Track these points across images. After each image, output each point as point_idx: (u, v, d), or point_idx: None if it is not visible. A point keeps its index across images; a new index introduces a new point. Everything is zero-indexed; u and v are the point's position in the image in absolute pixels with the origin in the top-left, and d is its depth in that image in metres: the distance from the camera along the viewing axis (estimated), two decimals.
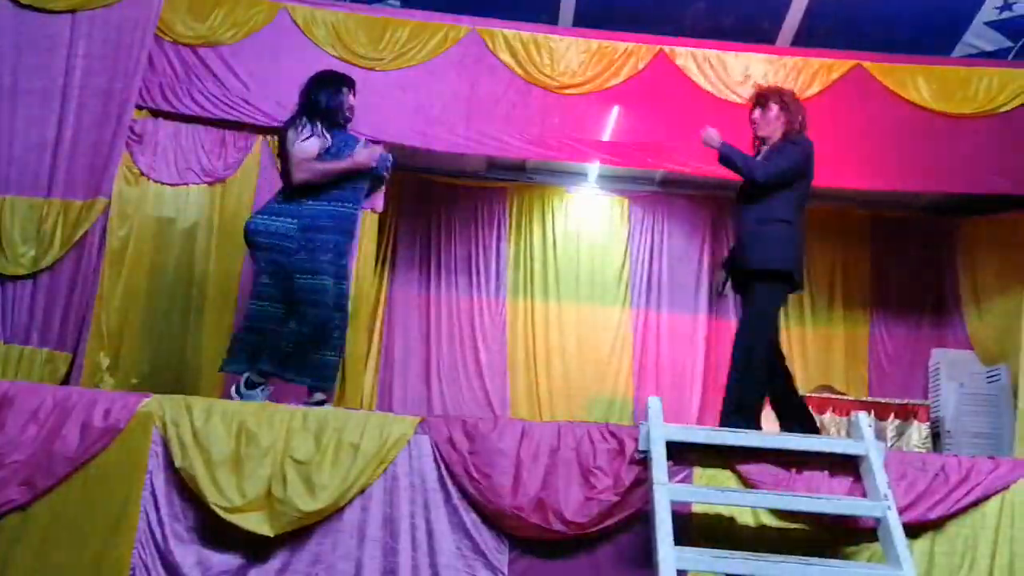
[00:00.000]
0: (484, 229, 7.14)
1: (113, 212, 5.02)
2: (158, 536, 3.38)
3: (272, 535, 3.34)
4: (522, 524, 3.38)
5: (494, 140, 5.38)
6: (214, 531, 3.39)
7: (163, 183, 5.27)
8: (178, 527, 3.41)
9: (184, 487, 3.43)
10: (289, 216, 4.05)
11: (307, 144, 4.04)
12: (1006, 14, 5.83)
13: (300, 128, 4.09)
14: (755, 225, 4.16)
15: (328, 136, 4.11)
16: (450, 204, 7.16)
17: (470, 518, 3.42)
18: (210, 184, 5.33)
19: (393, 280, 6.98)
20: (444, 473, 3.47)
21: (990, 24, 5.90)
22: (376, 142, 4.66)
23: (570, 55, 5.48)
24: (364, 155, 4.13)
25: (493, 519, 3.42)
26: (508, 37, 5.48)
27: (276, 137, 4.41)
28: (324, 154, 4.07)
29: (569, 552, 3.41)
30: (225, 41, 5.32)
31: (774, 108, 4.30)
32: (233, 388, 4.03)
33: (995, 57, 5.90)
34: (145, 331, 5.14)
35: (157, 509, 3.41)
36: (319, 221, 4.04)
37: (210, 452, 3.42)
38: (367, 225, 5.26)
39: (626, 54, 5.49)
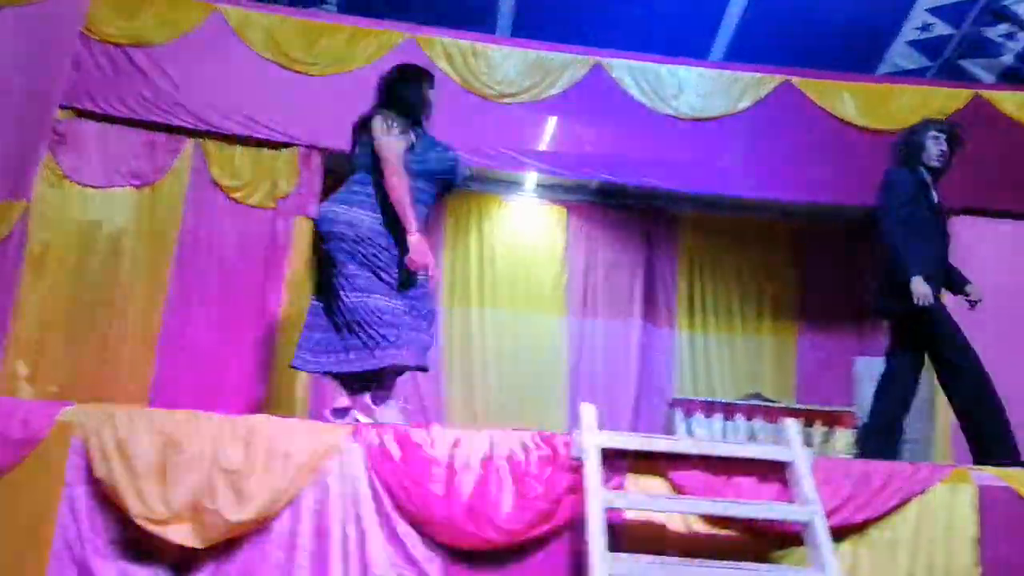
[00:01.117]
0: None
1: (33, 215, 4.87)
2: (76, 551, 3.27)
3: (200, 547, 3.26)
4: (454, 533, 3.36)
5: None
6: (137, 544, 3.29)
7: (88, 186, 5.13)
8: (98, 541, 3.30)
9: (105, 499, 3.32)
10: (370, 210, 3.81)
11: (398, 142, 3.79)
12: (926, 34, 6.05)
13: (390, 123, 3.84)
14: None
15: (413, 135, 3.89)
16: None
17: (402, 527, 3.38)
18: (138, 188, 5.20)
19: None
20: (376, 481, 3.43)
21: (911, 43, 6.12)
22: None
23: (508, 64, 5.50)
24: (415, 243, 3.73)
25: (425, 528, 3.39)
26: (446, 45, 5.48)
27: (361, 125, 4.02)
28: (408, 152, 3.83)
29: (501, 560, 3.40)
30: (155, 41, 5.21)
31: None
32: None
33: (916, 75, 6.12)
34: (67, 338, 4.99)
35: (76, 523, 3.29)
36: (398, 222, 3.77)
37: (134, 462, 3.32)
38: (303, 231, 5.19)
39: (563, 65, 5.54)
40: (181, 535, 3.25)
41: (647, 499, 3.38)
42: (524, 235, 7.22)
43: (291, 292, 5.13)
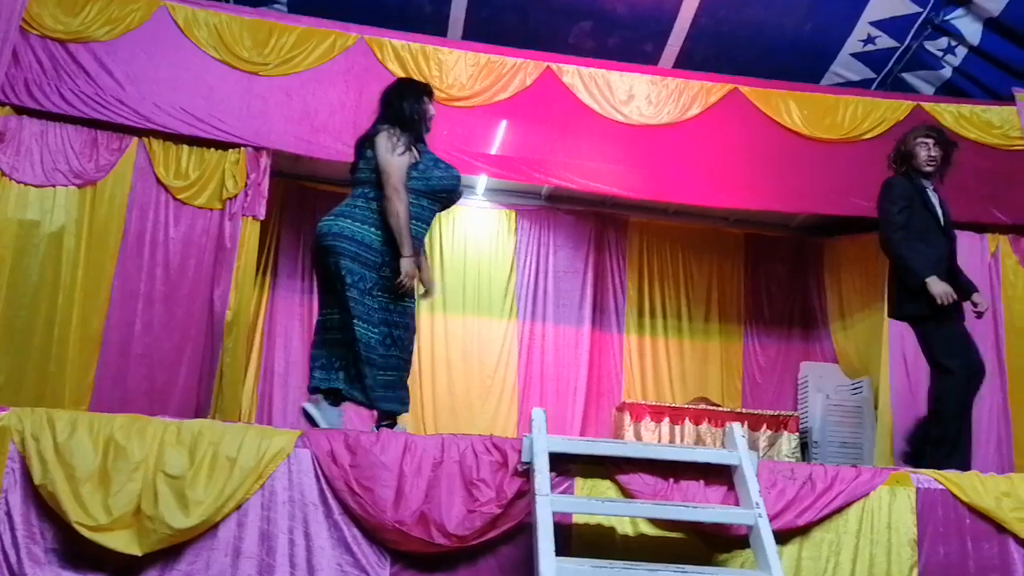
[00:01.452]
0: None
1: None
2: (12, 559, 3.18)
3: (140, 554, 3.19)
4: (404, 538, 3.34)
5: None
6: (76, 552, 3.21)
7: (27, 184, 4.99)
8: (35, 549, 3.21)
9: (44, 506, 3.23)
10: (373, 226, 3.84)
11: (402, 161, 3.84)
12: (870, 47, 6.19)
13: (395, 140, 3.88)
14: None
15: (417, 152, 3.93)
16: None
17: (351, 533, 3.36)
18: (80, 187, 5.08)
19: (275, 289, 6.81)
20: (325, 487, 3.40)
21: (856, 56, 6.25)
22: (257, 148, 4.53)
23: (459, 68, 5.50)
24: (407, 266, 3.82)
25: (374, 533, 3.37)
26: (397, 47, 5.45)
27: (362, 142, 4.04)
28: (411, 170, 3.88)
29: (451, 565, 3.39)
30: (99, 38, 5.09)
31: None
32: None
33: (860, 87, 6.25)
34: (5, 340, 4.85)
35: (12, 530, 3.20)
36: (388, 246, 3.83)
37: (74, 468, 3.24)
38: (248, 232, 5.12)
39: (514, 69, 5.55)
40: (122, 542, 3.18)
41: (595, 503, 3.40)
42: (474, 239, 7.22)
43: (238, 294, 5.06)
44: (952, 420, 4.33)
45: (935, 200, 4.49)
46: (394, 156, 3.83)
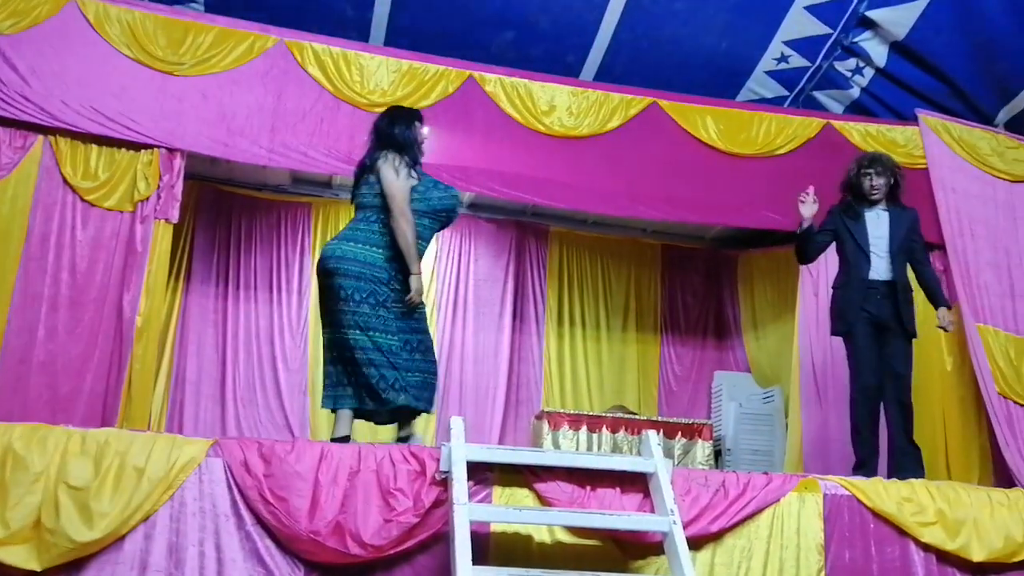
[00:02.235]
0: (287, 245, 6.95)
1: None
2: None
3: (40, 569, 3.06)
4: (319, 549, 3.29)
5: (299, 154, 5.25)
6: None
7: None
8: None
9: None
10: (376, 246, 4.07)
11: (406, 184, 4.07)
12: (783, 65, 6.38)
13: (397, 164, 4.10)
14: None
15: (416, 175, 4.15)
16: (251, 217, 6.92)
17: (263, 544, 3.29)
18: None
19: (188, 294, 6.64)
20: (237, 497, 3.32)
21: (770, 73, 6.43)
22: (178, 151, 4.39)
23: (380, 73, 5.45)
24: (415, 284, 4.07)
25: (288, 544, 3.30)
26: (317, 51, 5.38)
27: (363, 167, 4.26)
28: (412, 192, 4.10)
29: (366, 575, 3.35)
30: (2, 31, 4.88)
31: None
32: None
33: (773, 104, 6.43)
34: None
35: None
36: (402, 255, 4.04)
37: None
38: (160, 236, 4.97)
39: (436, 77, 5.53)
40: (20, 557, 3.06)
41: (513, 511, 3.41)
42: None
43: (149, 299, 4.90)
44: (854, 431, 4.69)
45: (875, 223, 4.80)
46: (399, 180, 4.06)
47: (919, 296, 4.93)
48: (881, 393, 4.68)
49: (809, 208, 4.80)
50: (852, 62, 6.31)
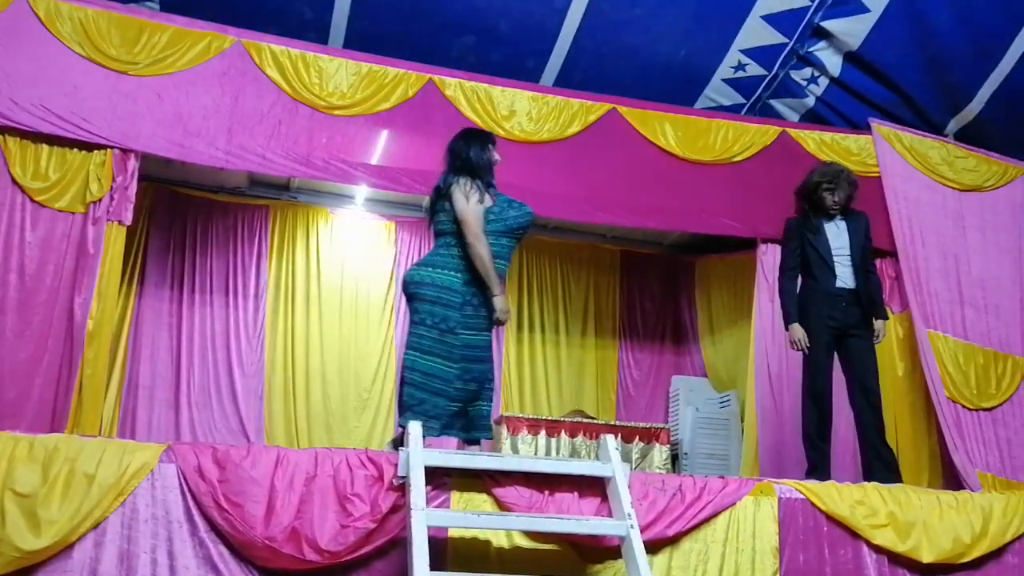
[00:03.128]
0: (244, 248, 6.87)
1: None
2: None
3: None
4: (274, 555, 3.25)
5: (257, 156, 5.20)
6: None
7: None
8: None
9: None
10: (454, 270, 4.10)
11: (478, 208, 4.11)
12: (740, 73, 6.46)
13: (469, 189, 4.14)
14: None
15: (489, 197, 4.20)
16: (208, 220, 6.83)
17: (217, 550, 3.24)
18: None
19: (141, 298, 6.53)
20: (191, 503, 3.27)
21: (727, 81, 6.51)
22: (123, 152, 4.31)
23: (340, 76, 5.42)
24: (500, 304, 4.12)
25: (243, 551, 3.26)
26: (276, 52, 5.33)
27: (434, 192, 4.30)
28: (488, 213, 4.16)
29: None
30: None
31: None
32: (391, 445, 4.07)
33: (731, 111, 6.51)
34: None
35: None
36: (480, 278, 4.08)
37: None
38: (113, 238, 4.88)
39: (396, 80, 5.51)
40: None
41: (471, 517, 3.39)
42: (352, 249, 7.12)
43: (101, 302, 4.81)
44: (804, 436, 4.82)
45: (835, 234, 4.88)
46: (470, 205, 4.10)
47: None
48: (829, 400, 4.75)
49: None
50: (807, 71, 6.41)
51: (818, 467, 4.64)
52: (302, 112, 5.31)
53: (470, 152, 4.25)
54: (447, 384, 4.04)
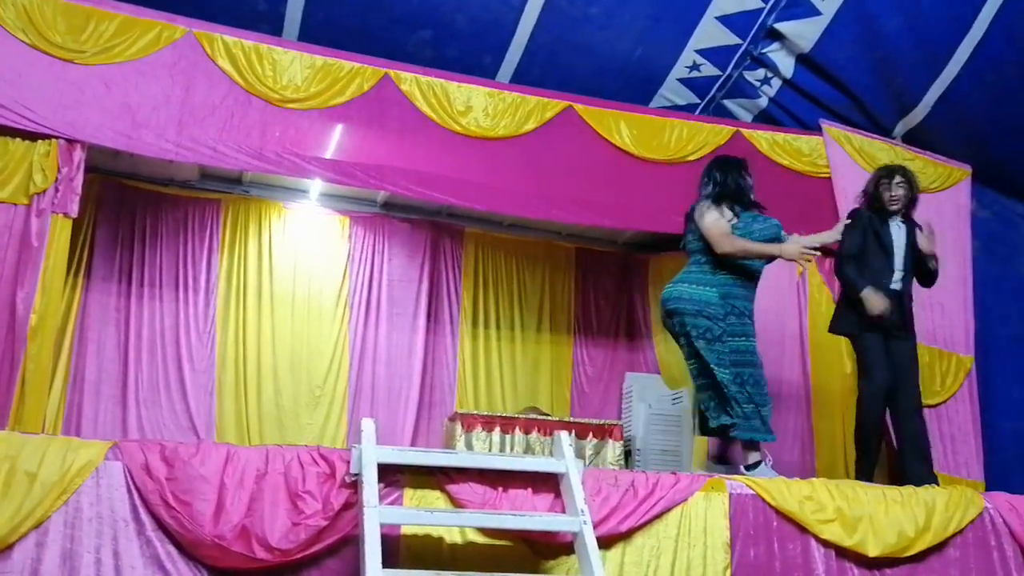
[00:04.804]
0: (194, 242, 6.75)
1: None
2: None
3: None
4: (224, 553, 3.20)
5: (208, 149, 5.11)
6: None
7: None
8: None
9: None
10: (709, 285, 4.45)
11: (720, 220, 4.45)
12: (695, 73, 6.52)
13: (707, 209, 4.50)
14: None
15: (734, 213, 4.49)
16: (157, 213, 6.70)
17: (165, 549, 3.18)
18: None
19: (88, 292, 6.38)
20: (137, 502, 3.21)
21: (682, 81, 6.56)
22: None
23: (294, 69, 5.36)
24: (792, 250, 4.43)
25: (191, 549, 3.21)
26: (228, 44, 5.25)
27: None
28: (733, 230, 4.44)
29: None
30: None
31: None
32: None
33: (685, 111, 6.57)
34: None
35: None
36: (735, 290, 4.44)
37: None
38: (58, 231, 4.77)
39: (351, 74, 5.46)
40: None
41: (424, 513, 3.38)
42: (305, 244, 7.05)
43: (45, 296, 4.70)
44: (859, 428, 4.91)
45: (896, 233, 4.93)
46: (707, 218, 4.49)
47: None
48: (894, 393, 4.83)
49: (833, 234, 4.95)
50: (760, 72, 6.49)
51: (870, 466, 4.81)
52: (255, 105, 5.24)
53: (727, 179, 4.59)
54: (726, 389, 4.39)
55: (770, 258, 4.56)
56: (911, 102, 6.31)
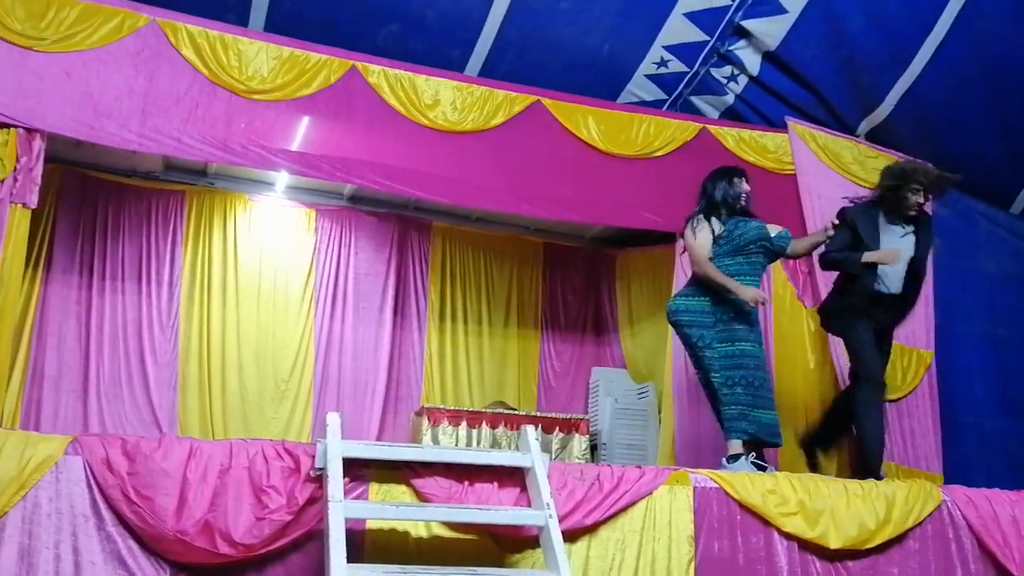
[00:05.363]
0: (158, 234, 6.67)
1: None
2: None
3: None
4: (186, 549, 3.17)
5: (172, 140, 5.04)
6: None
7: None
8: None
9: None
10: (702, 295, 4.63)
11: (701, 239, 4.65)
12: (662, 70, 6.54)
13: (695, 226, 4.70)
14: None
15: (719, 224, 4.67)
16: (120, 205, 6.60)
17: (126, 545, 3.14)
18: None
19: (48, 284, 6.28)
20: (98, 497, 3.16)
21: (649, 77, 6.58)
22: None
23: (260, 60, 5.30)
24: (748, 294, 4.52)
25: (153, 545, 3.17)
26: (193, 33, 5.18)
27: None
28: (720, 239, 4.63)
29: (236, 575, 3.25)
30: None
31: None
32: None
33: (653, 107, 6.59)
34: None
35: None
36: (728, 296, 4.55)
37: None
38: (16, 221, 4.68)
39: (318, 66, 5.41)
40: None
41: (389, 508, 3.37)
42: (271, 237, 6.99)
43: (3, 288, 4.61)
44: (852, 420, 4.91)
45: (898, 235, 4.78)
46: (697, 240, 4.68)
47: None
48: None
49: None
50: (727, 69, 6.53)
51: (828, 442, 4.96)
52: (220, 96, 5.17)
53: (715, 190, 4.74)
54: (718, 391, 4.54)
55: (748, 251, 4.66)
56: (875, 101, 6.38)
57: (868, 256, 4.71)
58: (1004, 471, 5.97)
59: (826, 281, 5.87)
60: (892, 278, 4.77)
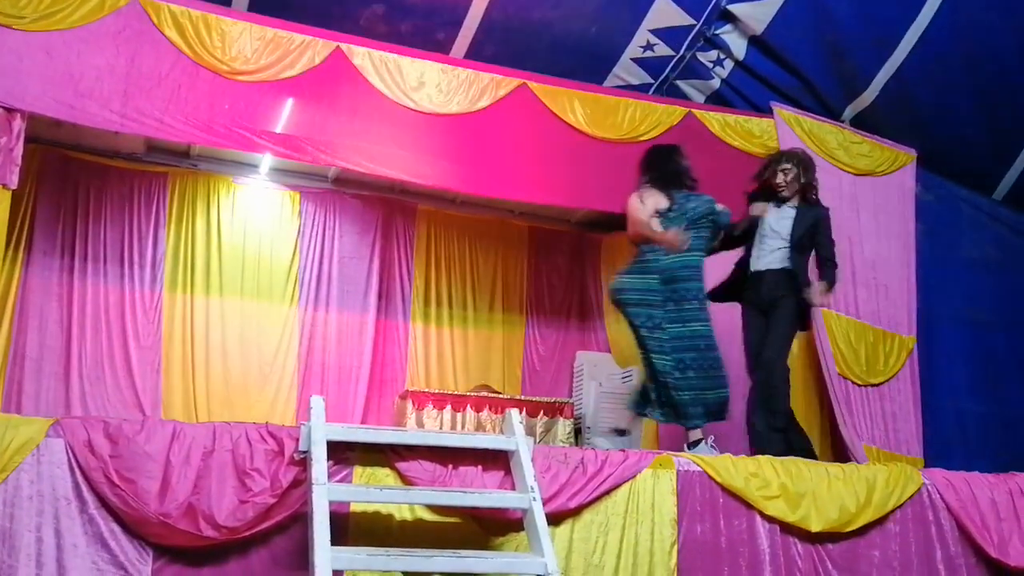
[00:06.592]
0: (140, 215, 6.62)
1: None
2: None
3: None
4: (169, 531, 3.16)
5: (154, 120, 4.98)
6: None
7: None
8: None
9: None
10: (650, 273, 4.51)
11: (643, 212, 4.59)
12: (648, 54, 6.53)
13: (637, 200, 4.66)
14: None
15: (668, 197, 4.62)
16: (101, 186, 6.55)
17: (108, 528, 3.13)
18: None
19: (28, 266, 6.23)
20: (80, 480, 3.15)
21: (636, 60, 6.57)
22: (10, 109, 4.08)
23: (243, 40, 5.24)
24: (669, 236, 4.48)
25: (136, 527, 3.16)
26: (176, 13, 5.11)
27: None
28: (668, 211, 4.58)
29: (220, 558, 3.26)
30: None
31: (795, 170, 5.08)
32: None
33: (639, 90, 6.58)
34: None
35: None
36: (677, 273, 4.48)
37: None
38: None
39: (303, 47, 5.36)
40: None
41: (373, 491, 3.37)
42: (255, 220, 6.95)
43: None
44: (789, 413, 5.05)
45: (776, 217, 5.04)
46: (637, 212, 4.61)
47: None
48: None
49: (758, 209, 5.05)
50: (714, 54, 6.52)
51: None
52: (203, 76, 5.11)
53: (667, 163, 4.75)
54: (667, 377, 4.46)
55: (695, 225, 4.64)
56: (860, 86, 6.39)
57: (749, 214, 5.05)
58: (984, 455, 6.03)
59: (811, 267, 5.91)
60: (760, 257, 5.03)
